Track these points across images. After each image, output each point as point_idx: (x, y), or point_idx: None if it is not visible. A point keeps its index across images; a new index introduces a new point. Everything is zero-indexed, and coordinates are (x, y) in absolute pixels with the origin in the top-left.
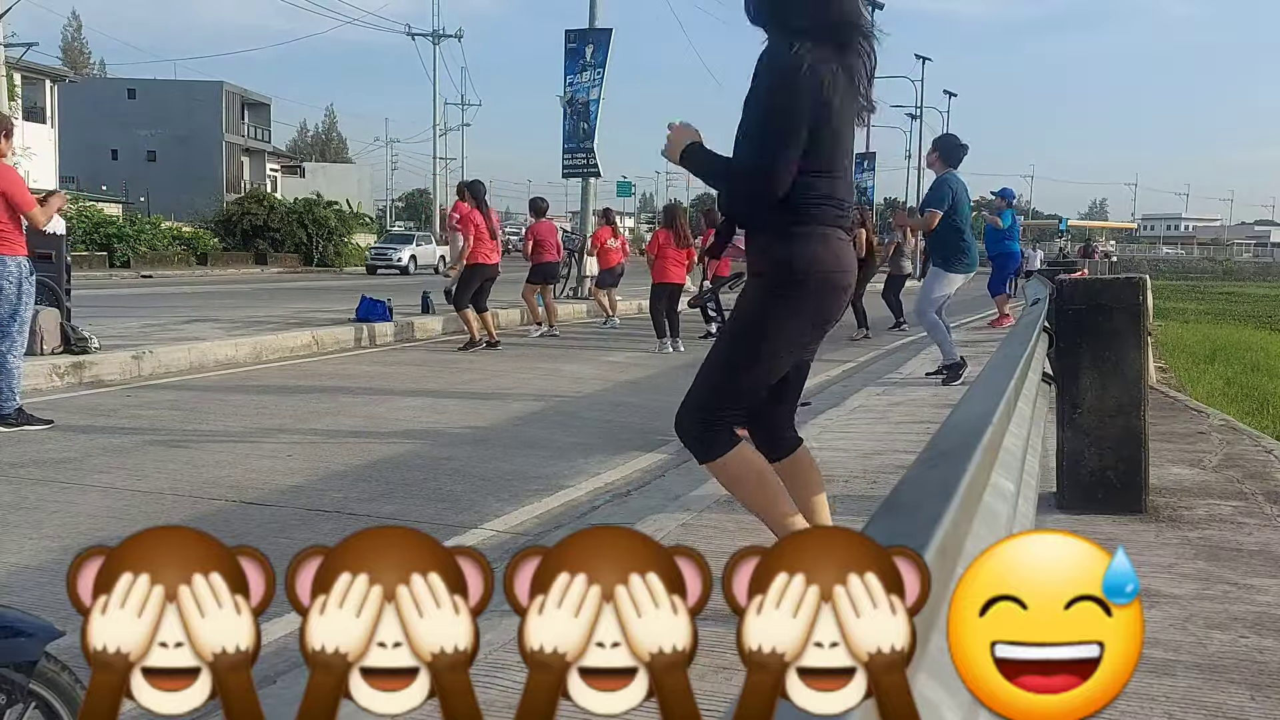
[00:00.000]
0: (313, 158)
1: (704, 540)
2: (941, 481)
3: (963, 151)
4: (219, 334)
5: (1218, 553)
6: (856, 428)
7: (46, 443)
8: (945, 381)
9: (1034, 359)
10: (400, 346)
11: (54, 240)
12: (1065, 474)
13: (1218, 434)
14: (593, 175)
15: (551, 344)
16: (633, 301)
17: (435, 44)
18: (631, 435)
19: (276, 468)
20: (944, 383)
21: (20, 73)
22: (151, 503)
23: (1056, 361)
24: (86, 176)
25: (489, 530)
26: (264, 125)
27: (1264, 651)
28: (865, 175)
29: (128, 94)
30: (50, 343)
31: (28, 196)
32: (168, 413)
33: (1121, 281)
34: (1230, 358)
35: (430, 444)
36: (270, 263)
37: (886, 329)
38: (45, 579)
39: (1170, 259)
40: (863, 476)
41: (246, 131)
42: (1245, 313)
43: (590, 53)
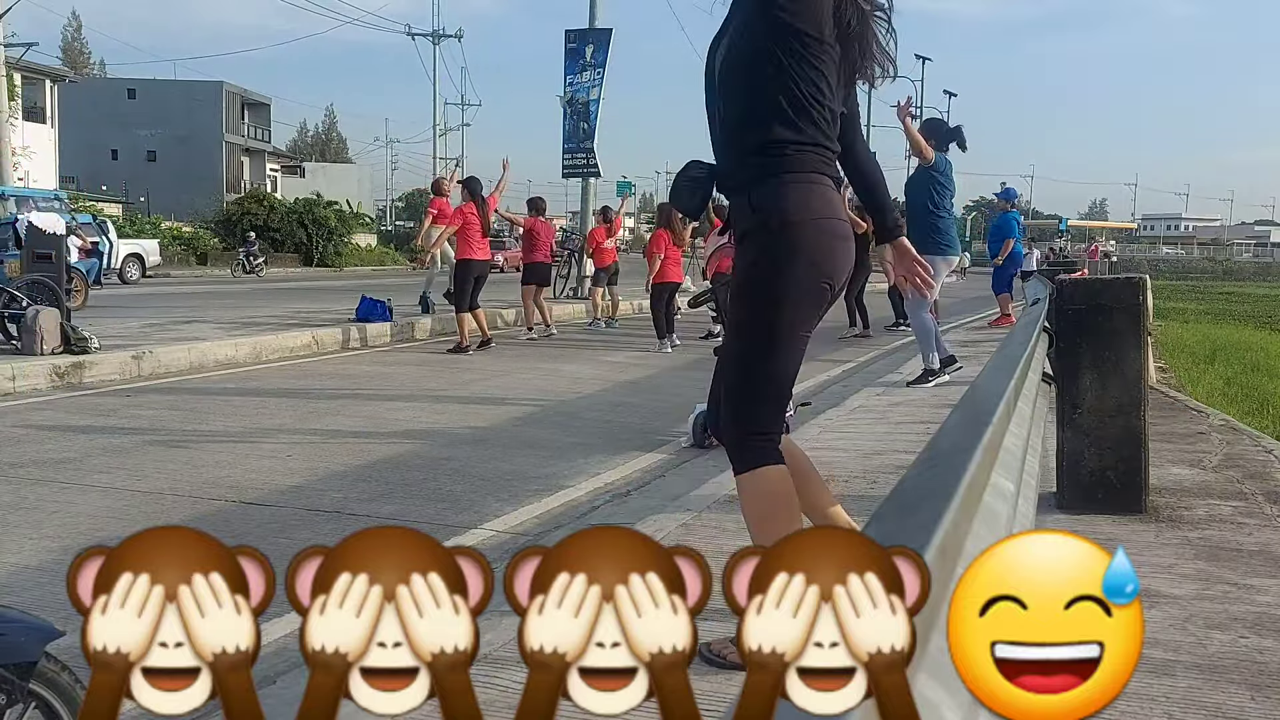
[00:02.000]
0: (313, 158)
1: (704, 540)
2: (941, 481)
3: (954, 135)
4: (219, 334)
5: (1218, 553)
6: (856, 428)
7: (46, 443)
8: (910, 383)
9: (1034, 359)
10: (400, 346)
11: (54, 240)
12: (1065, 474)
13: (1218, 434)
14: (593, 175)
15: (551, 344)
16: (633, 301)
17: (435, 44)
18: (631, 435)
19: (276, 468)
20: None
21: (20, 73)
22: (151, 503)
23: (1056, 361)
24: (86, 176)
25: (489, 530)
26: (264, 125)
27: (1264, 651)
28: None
29: (128, 94)
30: (50, 343)
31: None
32: (168, 413)
33: (1121, 281)
34: (1230, 358)
35: (430, 444)
36: (270, 263)
37: (885, 328)
38: (45, 579)
39: (1170, 259)
40: (863, 476)
41: (246, 131)
42: (1245, 313)
43: (590, 53)
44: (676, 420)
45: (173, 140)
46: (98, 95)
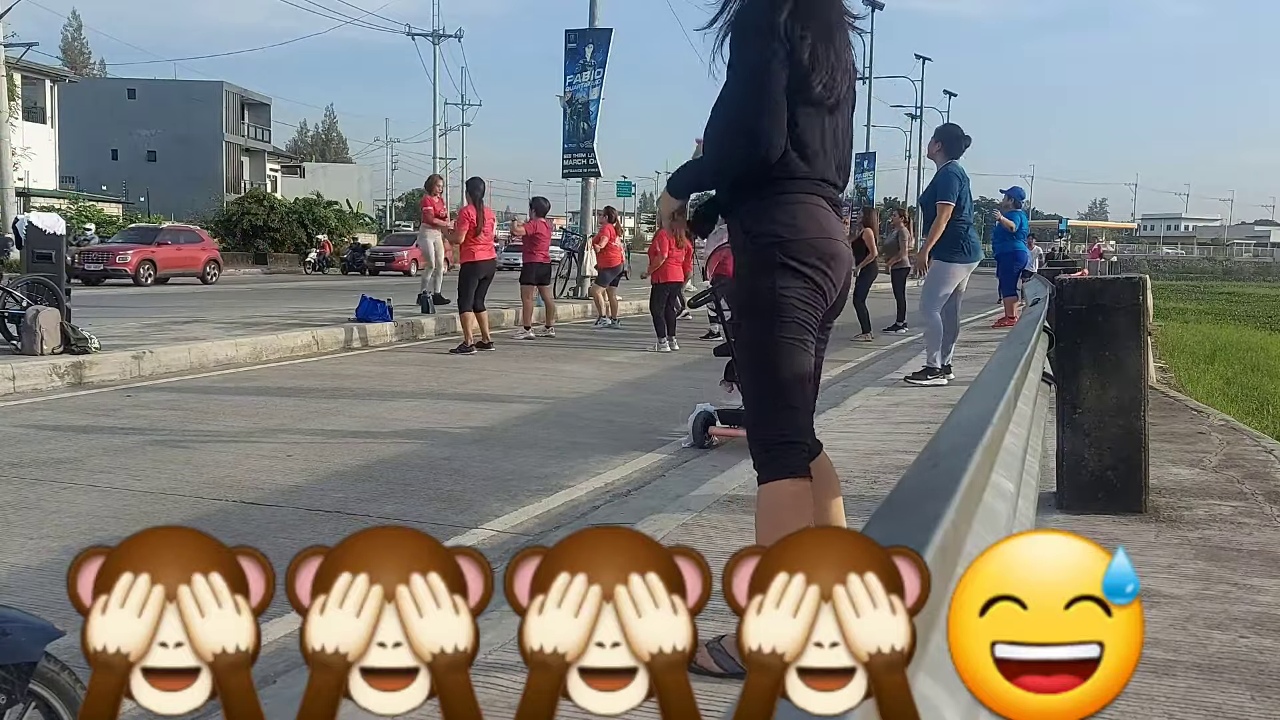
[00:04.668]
0: (313, 158)
1: (704, 540)
2: (941, 481)
3: (966, 142)
4: (219, 334)
5: (1218, 553)
6: (856, 428)
7: (46, 443)
8: (909, 378)
9: (1034, 359)
10: (400, 346)
11: (54, 240)
12: (1065, 474)
13: (1218, 434)
14: (593, 175)
15: (551, 344)
16: (632, 301)
17: (435, 44)
18: (631, 435)
19: (276, 468)
20: (906, 379)
21: (20, 73)
22: (151, 503)
23: (1056, 361)
24: (86, 176)
25: (489, 530)
26: (264, 125)
27: (1264, 651)
28: (865, 175)
29: (128, 94)
30: (50, 343)
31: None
32: (168, 413)
33: (1121, 281)
34: (1230, 358)
35: (430, 444)
36: (270, 263)
37: (884, 330)
38: (45, 579)
39: (1170, 259)
40: (863, 476)
41: (246, 131)
42: (1245, 313)
43: (590, 53)
44: (676, 420)
45: (173, 140)
46: (98, 95)
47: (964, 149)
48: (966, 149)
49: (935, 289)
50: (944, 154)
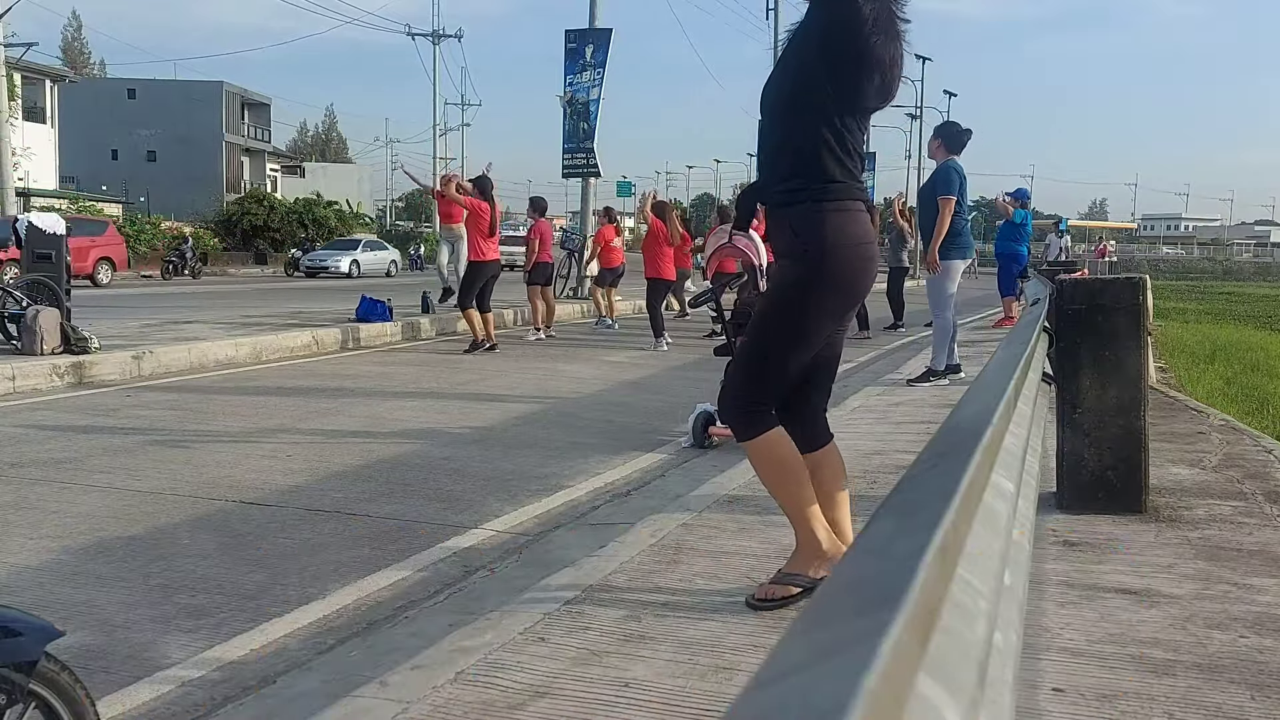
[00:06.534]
0: (313, 158)
1: (704, 540)
2: (941, 482)
3: (966, 136)
4: (219, 334)
5: (1218, 553)
6: (857, 428)
7: (46, 443)
8: (911, 380)
9: (1034, 359)
10: (400, 346)
11: (54, 240)
12: (1065, 474)
13: (1218, 434)
14: (593, 175)
15: (551, 344)
16: (632, 302)
17: (435, 44)
18: (631, 435)
19: (276, 468)
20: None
21: (20, 73)
22: (151, 503)
23: (1056, 361)
24: (86, 176)
25: (489, 530)
26: (264, 125)
27: (1264, 651)
28: (865, 175)
29: (128, 94)
30: (50, 343)
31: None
32: (168, 413)
33: (1121, 281)
34: (1230, 358)
35: (430, 444)
36: (270, 263)
37: (883, 329)
38: (45, 579)
39: (1170, 259)
40: (863, 476)
41: (246, 131)
42: (1245, 313)
43: (590, 53)
44: (676, 420)
45: (173, 140)
46: (98, 95)
47: (965, 143)
48: (968, 142)
49: (944, 287)
50: (945, 150)
